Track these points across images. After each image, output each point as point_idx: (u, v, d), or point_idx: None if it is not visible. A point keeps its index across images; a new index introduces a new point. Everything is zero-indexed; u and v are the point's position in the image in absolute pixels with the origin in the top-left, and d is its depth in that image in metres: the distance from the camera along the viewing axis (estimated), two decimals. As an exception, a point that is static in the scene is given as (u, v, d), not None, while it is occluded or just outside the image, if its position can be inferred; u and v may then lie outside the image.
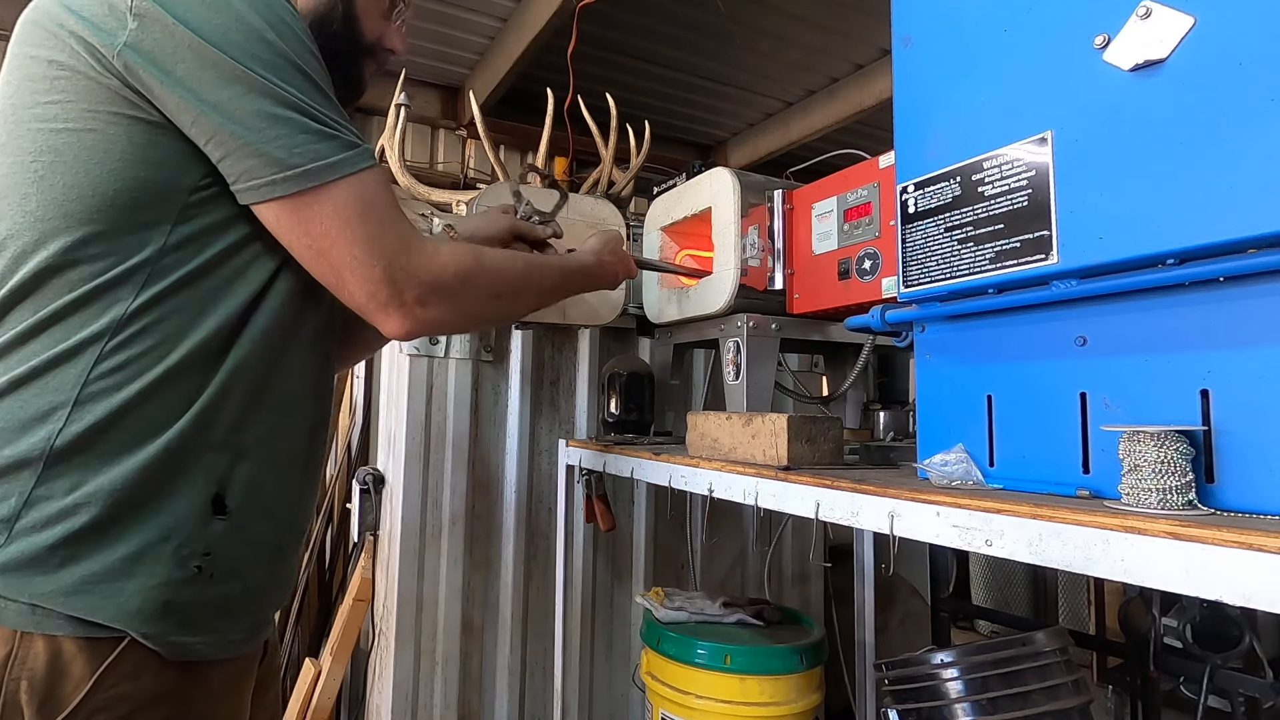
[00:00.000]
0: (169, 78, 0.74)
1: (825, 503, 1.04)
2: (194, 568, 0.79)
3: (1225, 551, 0.61)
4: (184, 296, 0.79)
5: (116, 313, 0.75)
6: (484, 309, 1.00)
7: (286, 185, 0.78)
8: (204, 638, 0.80)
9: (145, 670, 0.76)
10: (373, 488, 2.01)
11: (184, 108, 0.75)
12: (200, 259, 0.80)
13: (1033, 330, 0.93)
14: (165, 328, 0.77)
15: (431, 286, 0.88)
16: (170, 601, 0.76)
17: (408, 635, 1.90)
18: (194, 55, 0.74)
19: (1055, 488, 0.87)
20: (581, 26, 2.11)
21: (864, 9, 2.83)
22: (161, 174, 0.77)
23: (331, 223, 0.81)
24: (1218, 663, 1.74)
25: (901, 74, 1.07)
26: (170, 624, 0.76)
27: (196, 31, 0.74)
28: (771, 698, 1.60)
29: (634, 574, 2.26)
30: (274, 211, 0.80)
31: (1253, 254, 0.71)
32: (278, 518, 0.90)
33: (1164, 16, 0.76)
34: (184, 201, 0.78)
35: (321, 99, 0.82)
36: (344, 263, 0.82)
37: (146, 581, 0.75)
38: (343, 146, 0.81)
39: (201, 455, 0.80)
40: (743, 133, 4.04)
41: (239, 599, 0.84)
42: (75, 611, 0.72)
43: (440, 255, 0.89)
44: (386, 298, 0.84)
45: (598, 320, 1.96)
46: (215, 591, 0.81)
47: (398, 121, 1.98)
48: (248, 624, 0.87)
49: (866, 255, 1.31)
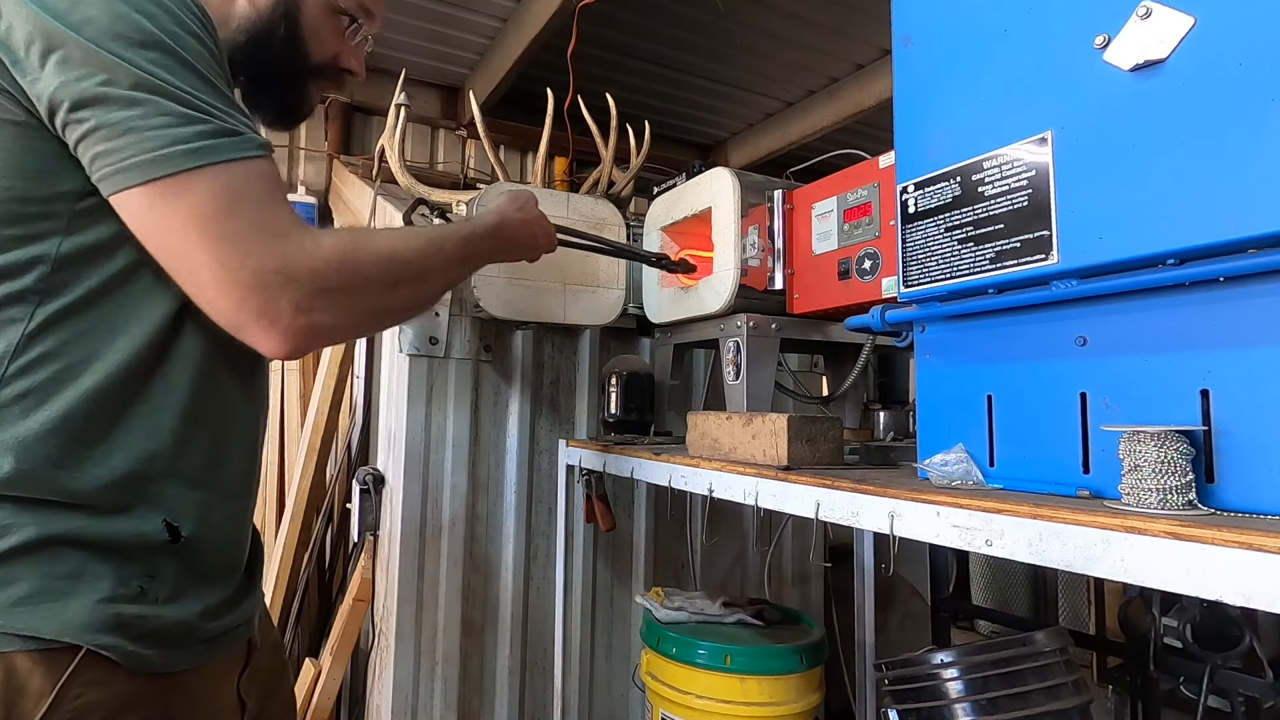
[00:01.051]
0: (20, 66, 0.67)
1: (825, 503, 1.04)
2: (137, 587, 0.75)
3: (1225, 551, 0.61)
4: (91, 315, 0.72)
5: (12, 335, 0.70)
6: (384, 301, 0.84)
7: (137, 172, 0.68)
8: (162, 651, 0.77)
9: (115, 676, 0.73)
10: (373, 488, 2.01)
11: (41, 97, 0.67)
12: (103, 272, 0.73)
13: (1033, 330, 0.93)
14: (74, 350, 0.71)
15: (315, 288, 0.74)
16: (121, 615, 0.73)
17: (408, 635, 1.90)
18: (45, 38, 0.67)
19: (1055, 488, 0.87)
20: (581, 26, 2.11)
21: (864, 9, 2.83)
22: (39, 179, 0.70)
23: (187, 218, 0.69)
24: (1218, 663, 1.74)
25: (901, 74, 1.07)
26: (124, 637, 0.73)
27: (48, 11, 0.67)
28: (771, 698, 1.60)
29: (634, 574, 2.26)
30: (126, 203, 0.69)
31: (1253, 254, 0.71)
32: (228, 537, 0.87)
33: (1164, 16, 0.76)
34: (70, 210, 0.71)
35: (197, 82, 0.72)
36: (202, 265, 0.70)
37: (91, 598, 0.72)
38: (214, 133, 0.71)
39: (142, 482, 0.76)
40: (743, 133, 4.04)
41: (196, 618, 0.81)
42: (18, 629, 0.69)
43: (322, 248, 0.75)
44: (258, 307, 0.71)
45: (598, 320, 1.96)
46: (169, 611, 0.78)
47: (398, 121, 1.98)
48: (210, 637, 0.84)
49: (866, 255, 1.31)
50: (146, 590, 0.76)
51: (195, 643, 0.82)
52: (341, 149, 3.28)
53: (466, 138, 3.56)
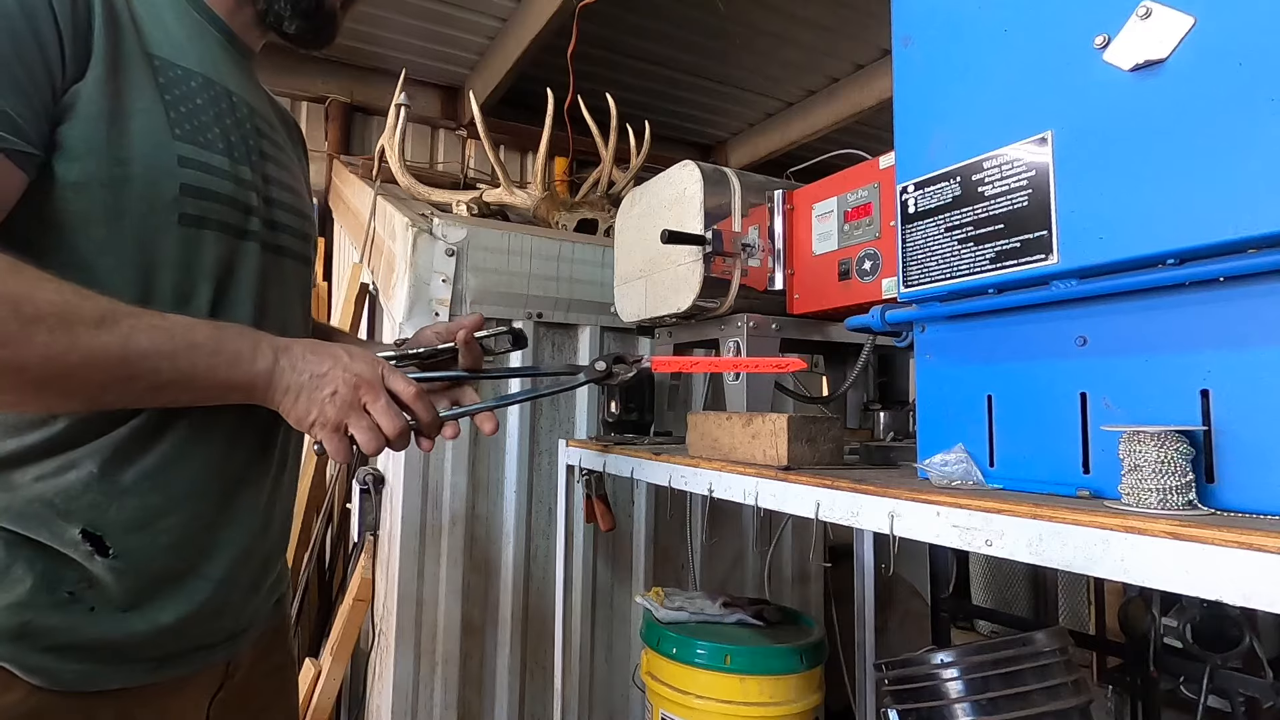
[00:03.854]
0: None
1: (825, 503, 1.04)
2: (65, 593, 0.70)
3: (1225, 551, 0.61)
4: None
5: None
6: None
7: None
8: (81, 666, 0.71)
9: (14, 687, 0.68)
10: (373, 488, 2.01)
11: None
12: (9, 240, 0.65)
13: (1033, 330, 0.93)
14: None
15: None
16: (30, 624, 0.68)
17: (408, 635, 1.90)
18: None
19: (1055, 488, 0.87)
20: (581, 26, 2.11)
21: (864, 9, 2.83)
22: None
23: None
24: (1218, 663, 1.74)
25: (901, 74, 1.07)
26: (28, 648, 0.68)
27: None
28: (771, 698, 1.60)
29: (634, 574, 2.26)
30: None
31: (1252, 254, 0.71)
32: (199, 550, 0.80)
33: (1164, 16, 0.76)
34: None
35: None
36: None
37: (2, 600, 0.67)
38: None
39: (61, 494, 0.70)
40: (743, 133, 4.04)
41: (143, 634, 0.75)
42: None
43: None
44: None
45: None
46: (103, 622, 0.72)
47: (398, 121, 1.99)
48: (159, 655, 0.77)
49: (866, 255, 1.31)
50: (78, 595, 0.71)
51: (139, 660, 0.76)
52: (341, 149, 3.29)
53: (466, 138, 3.57)
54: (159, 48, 0.78)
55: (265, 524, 0.89)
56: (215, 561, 0.82)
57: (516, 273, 2.07)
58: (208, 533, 0.81)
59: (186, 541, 0.79)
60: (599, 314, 2.19)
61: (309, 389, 0.76)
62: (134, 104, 0.73)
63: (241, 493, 0.85)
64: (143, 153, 0.73)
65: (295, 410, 0.76)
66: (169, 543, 0.77)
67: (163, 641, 0.77)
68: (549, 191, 2.54)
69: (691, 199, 1.51)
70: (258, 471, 0.87)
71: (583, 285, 2.17)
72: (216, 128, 0.81)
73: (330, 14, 0.94)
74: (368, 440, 0.78)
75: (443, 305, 1.94)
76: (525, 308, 2.09)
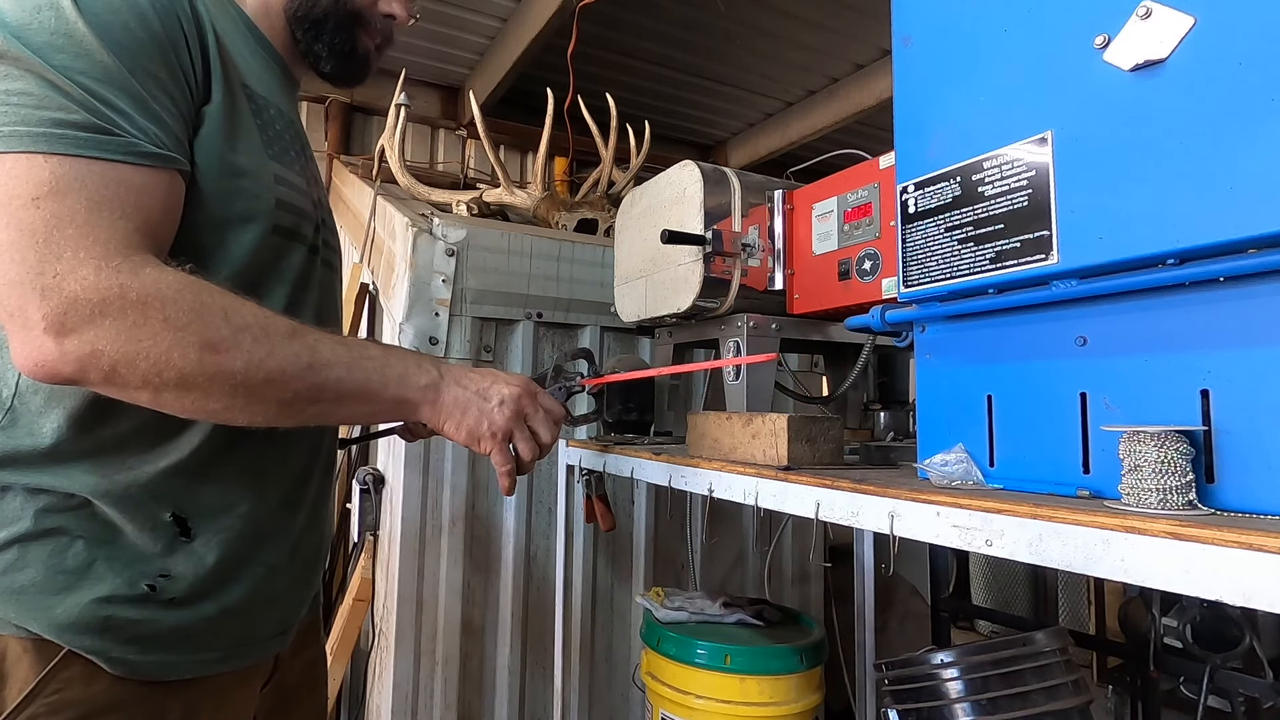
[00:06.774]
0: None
1: (825, 503, 1.04)
2: (145, 587, 0.75)
3: (1225, 551, 0.61)
4: None
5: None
6: (176, 355, 0.66)
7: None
8: (159, 657, 0.76)
9: (98, 679, 0.72)
10: (373, 488, 2.01)
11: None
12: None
13: (1033, 330, 0.93)
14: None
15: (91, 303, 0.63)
16: (113, 618, 0.73)
17: (408, 635, 1.90)
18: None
19: (1055, 488, 0.87)
20: (581, 26, 2.11)
21: (864, 9, 2.83)
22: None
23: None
24: (1218, 663, 1.74)
25: (901, 74, 1.07)
26: (112, 641, 0.73)
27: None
28: (771, 698, 1.60)
29: (634, 574, 2.26)
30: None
31: (1253, 254, 0.71)
32: (260, 538, 0.85)
33: (1164, 16, 0.76)
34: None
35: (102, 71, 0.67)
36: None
37: (86, 596, 0.72)
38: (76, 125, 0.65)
39: (155, 477, 0.76)
40: (743, 133, 4.04)
41: (213, 620, 0.80)
42: (12, 618, 0.70)
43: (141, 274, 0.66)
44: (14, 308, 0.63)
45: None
46: (178, 613, 0.77)
47: (398, 121, 1.99)
48: (226, 644, 0.82)
49: (866, 255, 1.31)
50: (158, 588, 0.75)
51: (209, 649, 0.80)
52: (341, 149, 3.28)
53: (466, 138, 3.57)
54: (247, 77, 0.86)
55: (312, 520, 0.95)
56: (270, 550, 0.87)
57: (516, 273, 2.08)
58: (270, 522, 0.87)
59: (253, 530, 0.84)
60: (599, 314, 2.19)
61: (477, 402, 0.85)
62: (241, 126, 0.82)
63: (297, 489, 0.91)
64: (250, 169, 0.81)
65: (465, 422, 0.84)
66: (240, 530, 0.83)
67: (228, 629, 0.82)
68: (549, 191, 2.54)
69: (691, 199, 1.51)
70: (310, 470, 0.94)
71: (583, 285, 2.17)
72: (291, 151, 0.91)
73: (365, 57, 1.02)
74: (528, 449, 0.88)
75: (443, 305, 1.94)
76: (525, 308, 2.09)
